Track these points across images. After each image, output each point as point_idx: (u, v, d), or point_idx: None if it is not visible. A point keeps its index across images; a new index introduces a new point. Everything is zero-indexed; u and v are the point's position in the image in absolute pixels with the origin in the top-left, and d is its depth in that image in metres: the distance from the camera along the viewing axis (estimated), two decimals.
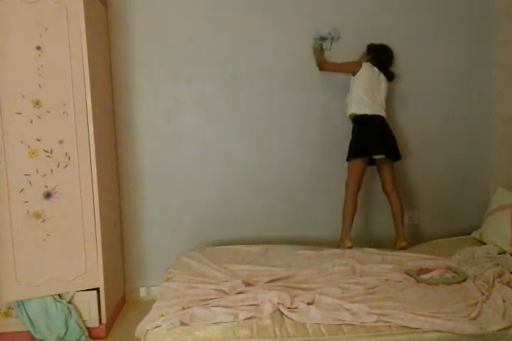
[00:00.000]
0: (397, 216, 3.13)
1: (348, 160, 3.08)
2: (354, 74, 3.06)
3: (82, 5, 2.60)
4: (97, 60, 2.86)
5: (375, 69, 3.08)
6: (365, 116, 3.04)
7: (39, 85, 2.58)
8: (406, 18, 3.28)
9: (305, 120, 3.29)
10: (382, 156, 3.08)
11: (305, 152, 3.31)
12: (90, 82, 2.67)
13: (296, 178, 3.32)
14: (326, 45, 3.19)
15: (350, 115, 3.12)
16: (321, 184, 3.34)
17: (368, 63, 3.08)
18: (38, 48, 2.57)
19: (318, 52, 3.18)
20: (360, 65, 3.05)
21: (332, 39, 3.19)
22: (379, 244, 3.25)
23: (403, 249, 3.04)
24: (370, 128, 3.05)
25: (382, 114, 3.07)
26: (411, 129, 3.37)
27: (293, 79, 3.25)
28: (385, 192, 3.17)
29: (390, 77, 3.16)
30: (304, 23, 3.20)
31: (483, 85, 3.38)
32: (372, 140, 3.03)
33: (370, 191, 3.33)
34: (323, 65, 3.14)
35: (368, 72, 3.05)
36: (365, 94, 3.03)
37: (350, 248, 3.00)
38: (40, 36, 2.56)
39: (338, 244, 3.09)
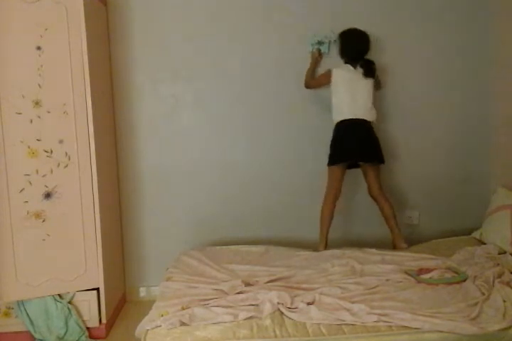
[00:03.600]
0: (389, 220, 3.06)
1: (328, 165, 3.05)
2: (330, 82, 3.00)
3: (82, 5, 2.60)
4: (97, 60, 2.86)
5: (350, 68, 2.97)
6: (345, 121, 2.96)
7: (39, 85, 2.58)
8: (405, 18, 3.27)
9: (305, 120, 3.29)
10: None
11: (305, 152, 3.31)
12: (90, 82, 2.67)
13: (296, 178, 3.31)
14: (323, 49, 3.16)
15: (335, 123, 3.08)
16: (321, 184, 3.32)
17: (339, 67, 3.00)
18: (38, 48, 2.57)
19: (315, 59, 3.15)
20: (330, 73, 2.99)
21: (329, 42, 3.17)
22: (378, 245, 3.24)
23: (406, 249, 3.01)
24: (348, 135, 2.96)
25: (366, 117, 2.96)
26: (411, 129, 3.36)
27: (293, 79, 3.24)
28: (372, 197, 3.10)
29: (369, 72, 2.95)
30: (304, 23, 3.19)
31: (483, 85, 3.38)
32: (350, 147, 2.95)
33: (367, 193, 3.32)
34: (307, 84, 3.13)
35: (340, 76, 2.96)
36: (343, 99, 2.96)
37: None
38: (40, 36, 2.56)
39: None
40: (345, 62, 3.05)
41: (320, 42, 3.16)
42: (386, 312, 2.05)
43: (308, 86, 3.16)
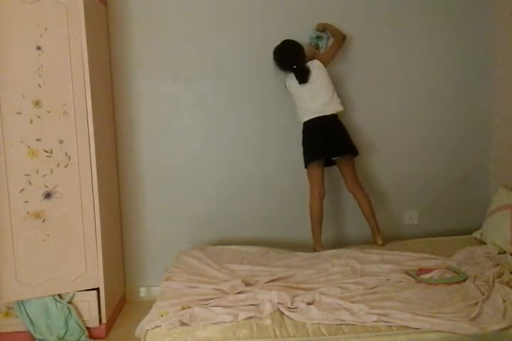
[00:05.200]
0: (366, 213, 3.07)
1: (305, 167, 3.06)
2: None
3: (82, 5, 2.60)
4: (97, 60, 2.86)
5: (292, 76, 3.03)
6: (308, 121, 3.01)
7: (39, 85, 2.59)
8: (405, 18, 3.27)
9: None
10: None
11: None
12: (90, 82, 2.67)
13: (296, 178, 3.31)
14: (321, 43, 3.18)
15: None
16: None
17: (289, 77, 3.07)
18: (38, 48, 2.57)
19: (312, 54, 3.15)
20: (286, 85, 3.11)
21: (328, 38, 3.17)
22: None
23: (381, 246, 3.00)
24: (314, 133, 3.00)
25: (326, 112, 2.97)
26: (411, 129, 3.37)
27: None
28: (350, 191, 3.11)
29: (301, 79, 2.98)
30: (304, 23, 3.18)
31: (483, 85, 3.38)
32: (318, 144, 2.98)
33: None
34: None
35: (289, 86, 3.07)
36: (301, 104, 3.03)
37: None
38: (40, 36, 2.56)
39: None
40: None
41: (319, 37, 3.16)
42: (386, 312, 2.05)
43: None
